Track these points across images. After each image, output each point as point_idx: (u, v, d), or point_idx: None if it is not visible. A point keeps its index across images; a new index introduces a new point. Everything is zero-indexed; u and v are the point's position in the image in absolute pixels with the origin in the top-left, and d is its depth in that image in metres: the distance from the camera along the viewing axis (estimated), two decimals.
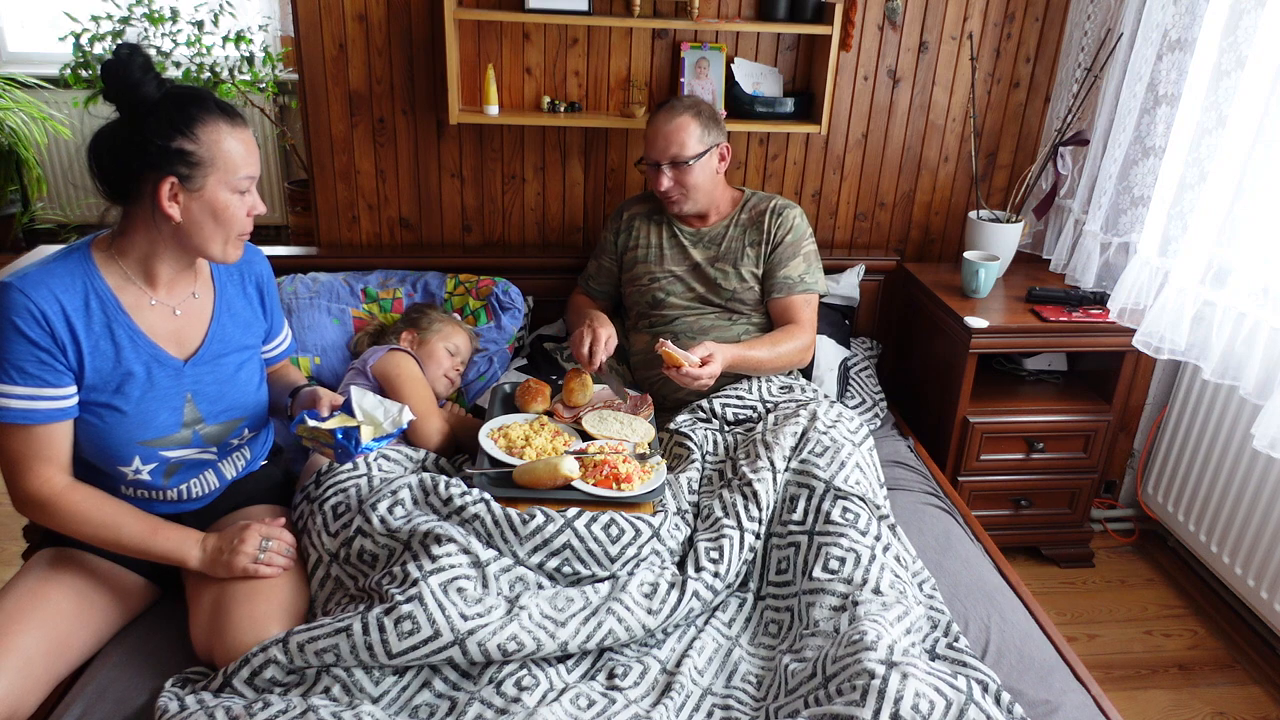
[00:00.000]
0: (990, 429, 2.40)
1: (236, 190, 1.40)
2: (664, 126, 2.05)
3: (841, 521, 1.61)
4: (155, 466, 1.49)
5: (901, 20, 2.48)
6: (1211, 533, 2.38)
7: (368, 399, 1.55)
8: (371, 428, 1.51)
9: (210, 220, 1.39)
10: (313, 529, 1.59)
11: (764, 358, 2.03)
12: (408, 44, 2.35)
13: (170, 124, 1.34)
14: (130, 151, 1.35)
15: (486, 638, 1.35)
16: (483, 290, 2.35)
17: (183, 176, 1.35)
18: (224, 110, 1.39)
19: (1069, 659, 1.56)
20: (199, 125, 1.35)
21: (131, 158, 1.35)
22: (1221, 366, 2.09)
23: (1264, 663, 2.25)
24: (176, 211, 1.37)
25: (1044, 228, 2.73)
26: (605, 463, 1.67)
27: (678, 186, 2.09)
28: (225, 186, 1.38)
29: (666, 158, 2.06)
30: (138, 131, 1.34)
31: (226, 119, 1.38)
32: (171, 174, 1.34)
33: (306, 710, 1.27)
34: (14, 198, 4.37)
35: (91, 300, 1.40)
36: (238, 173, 1.39)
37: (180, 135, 1.34)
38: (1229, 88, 2.03)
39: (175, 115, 1.34)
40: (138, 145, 1.34)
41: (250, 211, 1.44)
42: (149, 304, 1.46)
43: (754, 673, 1.48)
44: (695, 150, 2.05)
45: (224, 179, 1.38)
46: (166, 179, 1.34)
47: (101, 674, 1.42)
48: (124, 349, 1.42)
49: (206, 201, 1.38)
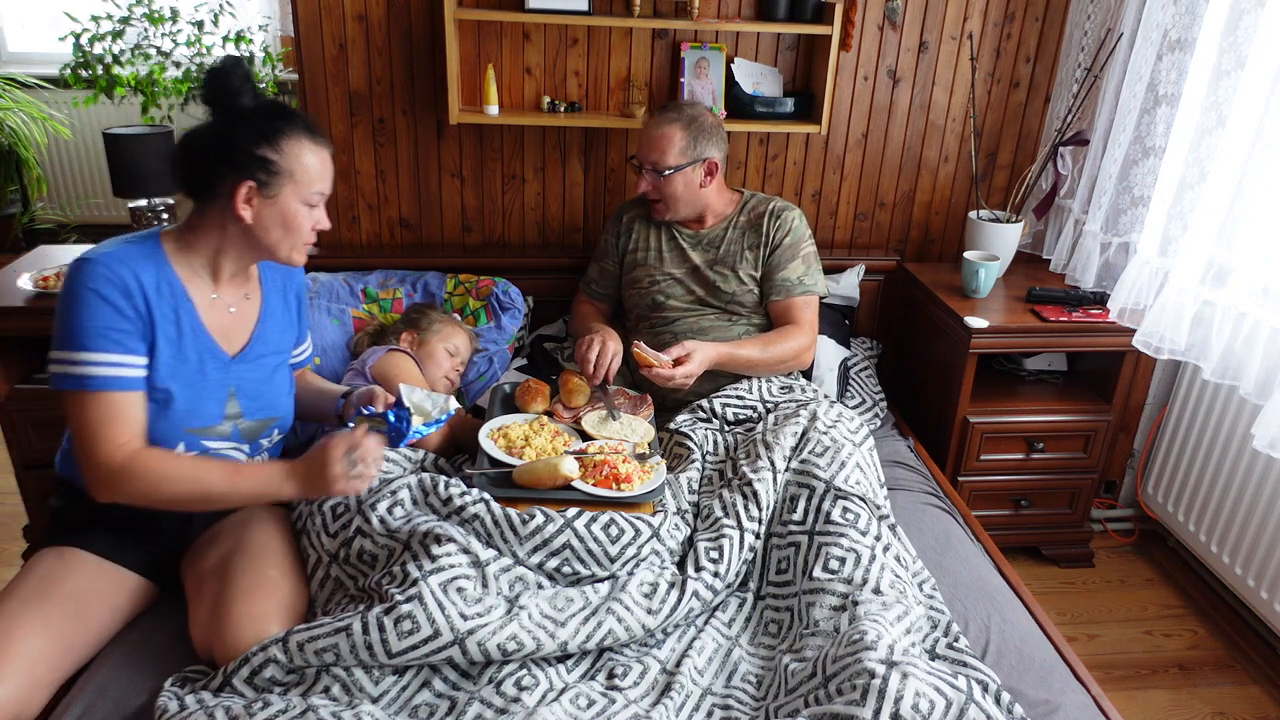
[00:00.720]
0: (990, 429, 2.40)
1: (307, 203, 1.49)
2: (651, 131, 2.06)
3: (842, 521, 1.61)
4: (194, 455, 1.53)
5: (901, 20, 2.49)
6: (1211, 533, 2.38)
7: (416, 393, 1.63)
8: (421, 416, 1.59)
9: (279, 226, 1.48)
10: (312, 530, 1.59)
11: (755, 357, 2.03)
12: (408, 44, 2.35)
13: (259, 133, 1.43)
14: (217, 152, 1.43)
15: (486, 637, 1.35)
16: (483, 290, 2.35)
17: (261, 182, 1.44)
18: (309, 129, 1.49)
19: (1069, 659, 1.56)
20: (284, 138, 1.45)
21: (217, 158, 1.44)
22: (1221, 366, 2.09)
23: (1264, 663, 2.25)
24: (249, 214, 1.45)
25: (1044, 228, 2.73)
26: (605, 463, 1.67)
27: (655, 191, 2.10)
28: (297, 198, 1.48)
29: (647, 162, 2.07)
30: (227, 135, 1.43)
31: (310, 137, 1.48)
32: (251, 179, 1.43)
33: (306, 710, 1.27)
34: (14, 198, 4.37)
35: (162, 284, 1.46)
36: (311, 187, 1.48)
37: (266, 144, 1.43)
38: (1229, 88, 2.03)
39: (264, 125, 1.44)
40: (225, 148, 1.43)
41: (315, 225, 1.53)
42: (210, 298, 1.54)
43: (754, 672, 1.48)
44: (673, 162, 2.05)
45: (297, 191, 1.47)
46: (245, 182, 1.43)
47: (101, 674, 1.42)
48: (185, 336, 1.49)
49: (279, 209, 1.47)
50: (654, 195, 2.12)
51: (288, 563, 1.55)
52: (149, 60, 3.62)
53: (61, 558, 1.50)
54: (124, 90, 3.62)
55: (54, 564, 1.49)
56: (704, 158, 2.08)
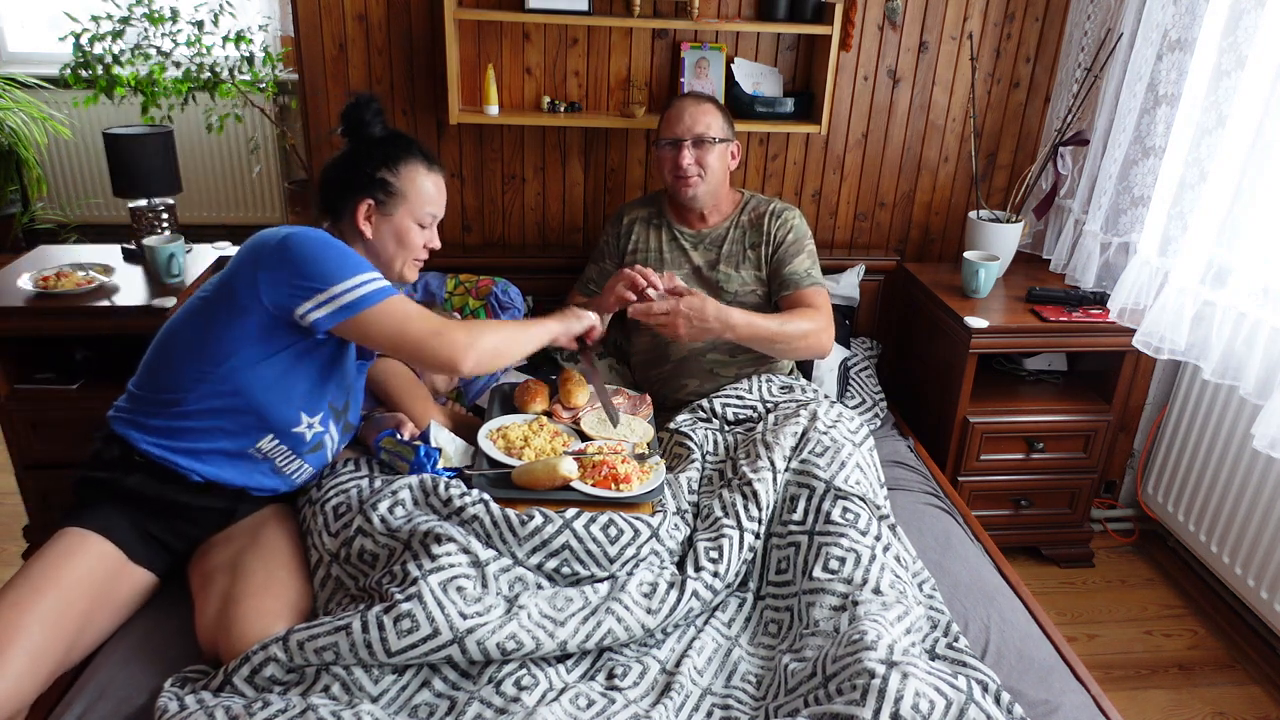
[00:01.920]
0: (990, 429, 2.40)
1: (420, 223, 1.68)
2: (691, 107, 2.08)
3: (841, 521, 1.61)
4: (315, 434, 1.63)
5: (901, 20, 2.49)
6: (1211, 533, 2.38)
7: (443, 434, 1.78)
8: (444, 458, 1.74)
9: (393, 241, 1.66)
10: (314, 529, 1.59)
11: (774, 328, 1.96)
12: (408, 44, 2.35)
13: (381, 158, 1.63)
14: (348, 175, 1.64)
15: (486, 637, 1.35)
16: (482, 290, 2.35)
17: (379, 201, 1.63)
18: (426, 156, 1.68)
19: (1069, 659, 1.56)
20: (402, 163, 1.64)
21: (347, 181, 1.64)
22: (1221, 366, 2.09)
23: (1264, 663, 2.25)
24: (369, 229, 1.64)
25: (1044, 228, 2.73)
26: (604, 463, 1.67)
27: (696, 165, 2.08)
28: (411, 217, 1.66)
29: (692, 135, 2.06)
30: (356, 160, 1.64)
31: (425, 163, 1.67)
32: (371, 197, 1.63)
33: (306, 709, 1.27)
34: (14, 198, 4.37)
35: None
36: (424, 208, 1.67)
37: (385, 168, 1.63)
38: (1229, 88, 2.03)
39: (386, 152, 1.64)
40: (354, 171, 1.64)
41: (427, 244, 1.71)
42: None
43: (754, 672, 1.48)
44: (720, 133, 2.08)
45: (411, 211, 1.66)
46: (366, 200, 1.62)
47: (102, 673, 1.42)
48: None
49: (394, 226, 1.65)
50: (694, 169, 2.08)
51: (296, 562, 1.56)
52: (149, 60, 3.62)
53: (81, 543, 1.48)
54: (124, 90, 3.61)
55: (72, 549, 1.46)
56: (733, 140, 2.13)
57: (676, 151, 2.07)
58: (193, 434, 1.54)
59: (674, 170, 2.09)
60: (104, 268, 2.32)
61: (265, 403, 1.54)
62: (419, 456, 1.68)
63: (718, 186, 2.14)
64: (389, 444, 1.73)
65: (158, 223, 2.44)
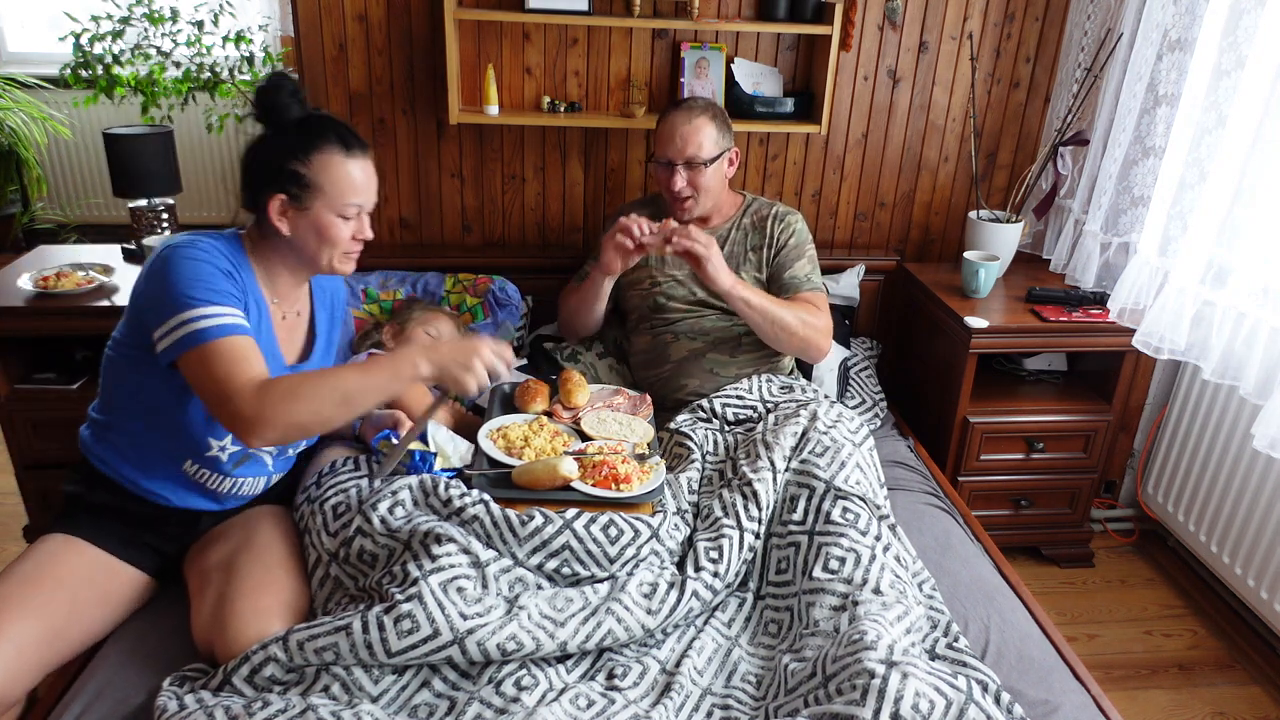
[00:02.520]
0: (990, 429, 2.40)
1: (341, 214, 1.50)
2: (682, 126, 2.02)
3: (841, 521, 1.61)
4: (235, 451, 1.56)
5: (901, 20, 2.48)
6: (1211, 533, 2.38)
7: (441, 433, 1.74)
8: (442, 458, 1.69)
9: (314, 237, 1.51)
10: (313, 529, 1.59)
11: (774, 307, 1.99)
12: (408, 44, 2.35)
13: (290, 148, 1.47)
14: (257, 167, 1.50)
15: (486, 637, 1.35)
16: (480, 288, 2.35)
17: (293, 195, 1.47)
18: (343, 141, 1.49)
19: (1069, 659, 1.56)
20: (314, 152, 1.47)
21: (257, 172, 1.50)
22: (1221, 366, 2.09)
23: (1264, 663, 2.25)
24: (285, 226, 1.49)
25: (1044, 228, 2.73)
26: (604, 463, 1.67)
27: (690, 187, 2.07)
28: (330, 210, 1.49)
29: (682, 158, 2.03)
30: (266, 151, 1.49)
31: (343, 149, 1.49)
32: (282, 192, 1.47)
33: (306, 709, 1.27)
34: (14, 198, 4.37)
35: (246, 278, 1.51)
36: (342, 199, 1.49)
37: (295, 159, 1.46)
38: (1229, 88, 2.03)
39: (296, 140, 1.47)
40: (263, 163, 1.49)
41: (356, 235, 1.54)
42: (273, 302, 1.58)
43: (754, 672, 1.48)
44: (712, 153, 2.04)
45: (329, 203, 1.49)
46: (277, 196, 1.47)
47: (100, 673, 1.42)
48: (262, 336, 1.51)
49: (311, 221, 1.49)
50: (687, 192, 2.07)
51: (292, 562, 1.56)
52: (149, 60, 3.62)
53: (65, 545, 1.49)
54: (124, 90, 3.62)
55: (56, 550, 1.48)
56: (729, 147, 2.10)
57: (670, 173, 2.06)
58: (134, 455, 1.54)
59: (669, 191, 2.09)
60: (104, 268, 2.32)
61: (169, 428, 1.51)
62: (414, 460, 1.66)
63: (716, 197, 2.13)
64: (385, 447, 1.71)
65: (158, 223, 2.44)
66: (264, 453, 1.62)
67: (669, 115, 2.07)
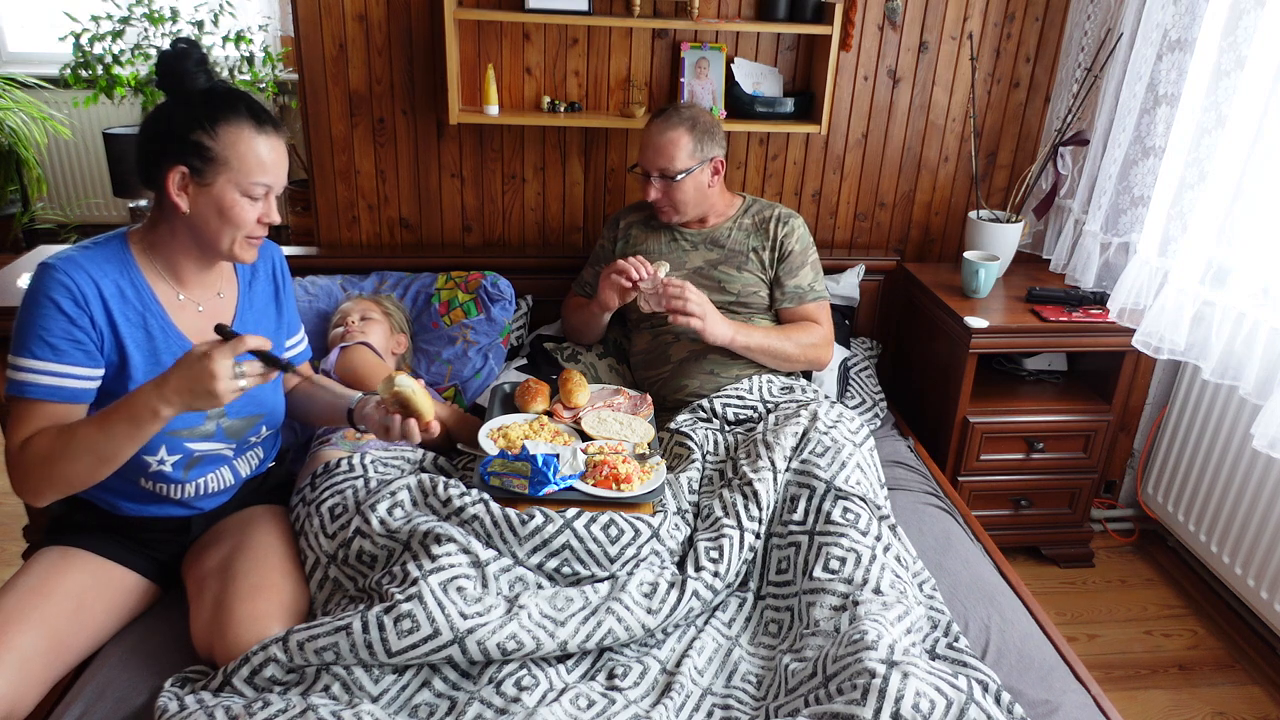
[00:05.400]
0: (990, 429, 2.40)
1: (247, 194, 1.40)
2: (656, 138, 2.04)
3: (842, 521, 1.61)
4: (179, 459, 1.50)
5: (901, 20, 2.49)
6: (1211, 533, 2.38)
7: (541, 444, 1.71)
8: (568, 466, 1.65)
9: (215, 216, 1.40)
10: (309, 531, 1.59)
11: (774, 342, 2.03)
12: (408, 44, 2.35)
13: (194, 117, 1.37)
14: (157, 137, 1.39)
15: (486, 637, 1.35)
16: (471, 284, 2.34)
17: (194, 169, 1.37)
18: (254, 115, 1.40)
19: (1069, 659, 1.56)
20: (222, 123, 1.37)
21: (156, 143, 1.39)
22: (1221, 366, 2.09)
23: (1264, 663, 2.25)
24: (184, 202, 1.39)
25: (1044, 228, 2.73)
26: (605, 463, 1.67)
27: (665, 198, 2.09)
28: (235, 187, 1.39)
29: (655, 169, 2.06)
30: (168, 120, 1.38)
31: (254, 123, 1.40)
32: (184, 164, 1.37)
33: (306, 709, 1.27)
34: (14, 198, 4.37)
35: (127, 289, 1.43)
36: (250, 176, 1.39)
37: (200, 129, 1.36)
38: (1229, 88, 2.03)
39: (202, 110, 1.37)
40: (164, 132, 1.38)
41: (262, 218, 1.44)
42: (178, 299, 1.49)
43: (754, 672, 1.48)
44: (683, 165, 2.04)
45: (234, 180, 1.39)
46: (178, 168, 1.37)
47: (101, 674, 1.42)
48: (157, 339, 1.45)
49: (213, 198, 1.39)
50: (662, 203, 2.10)
51: (289, 564, 1.55)
52: (149, 60, 3.62)
53: (63, 556, 1.49)
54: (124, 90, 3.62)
55: (55, 562, 1.48)
56: (710, 157, 2.08)
57: (646, 183, 2.09)
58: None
59: (647, 198, 2.12)
60: None
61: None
62: (537, 467, 1.59)
63: (698, 205, 2.14)
64: (498, 466, 1.63)
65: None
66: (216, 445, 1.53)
67: (650, 124, 2.09)
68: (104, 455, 1.34)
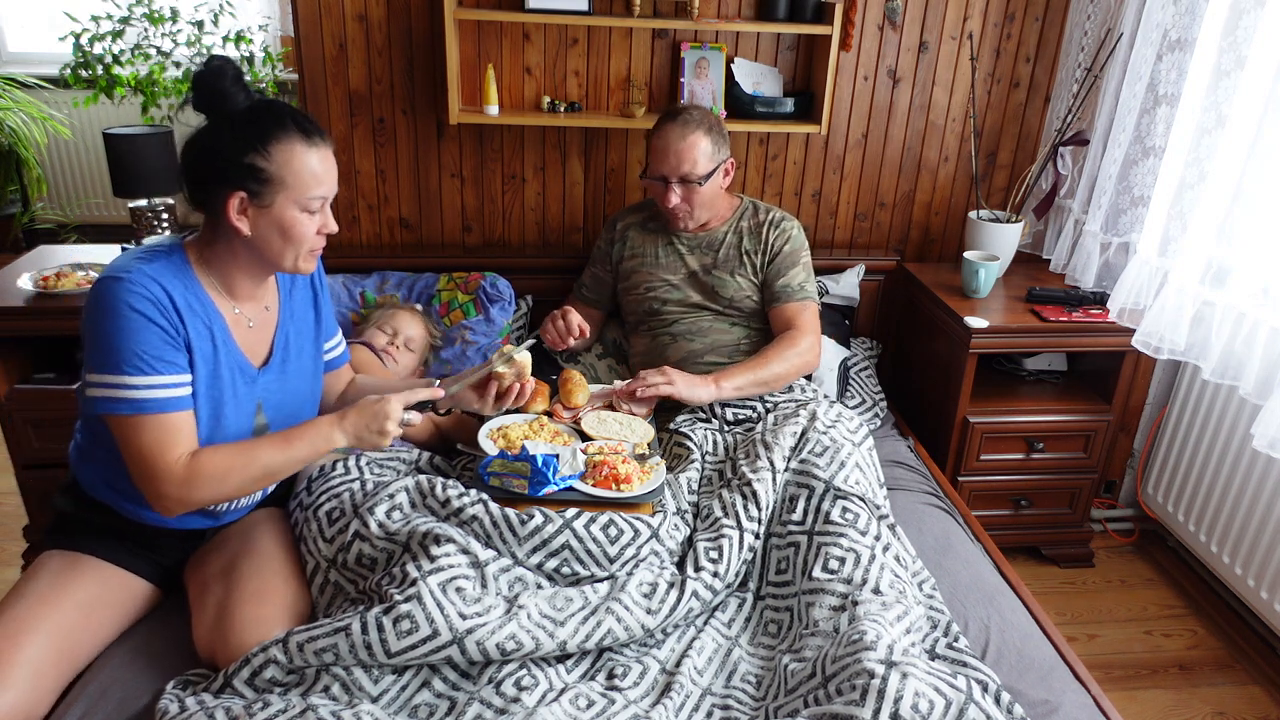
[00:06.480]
0: (990, 429, 2.40)
1: (306, 209, 1.40)
2: (677, 143, 2.01)
3: (841, 521, 1.61)
4: None
5: (901, 20, 2.48)
6: (1211, 533, 2.38)
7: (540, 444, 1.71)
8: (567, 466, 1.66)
9: (278, 236, 1.40)
10: (308, 535, 1.59)
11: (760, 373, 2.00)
12: (408, 44, 2.35)
13: (245, 140, 1.35)
14: (208, 163, 1.37)
15: (485, 637, 1.35)
16: (471, 285, 2.35)
17: (253, 193, 1.36)
18: (302, 128, 1.38)
19: (1069, 659, 1.56)
20: (273, 142, 1.35)
21: (207, 168, 1.37)
22: (1221, 366, 2.09)
23: (1264, 663, 2.25)
24: (245, 226, 1.38)
25: (1044, 228, 2.73)
26: (604, 463, 1.67)
27: (684, 204, 2.07)
28: (295, 205, 1.39)
29: (677, 175, 2.03)
30: (216, 144, 1.36)
31: (303, 137, 1.38)
32: (242, 189, 1.35)
33: (306, 710, 1.27)
34: (14, 198, 4.37)
35: (194, 302, 1.41)
36: (308, 192, 1.39)
37: (253, 151, 1.34)
38: (1229, 88, 2.03)
39: (250, 131, 1.35)
40: (214, 158, 1.36)
41: (321, 230, 1.44)
42: (234, 313, 1.49)
43: (753, 673, 1.48)
44: (706, 169, 2.03)
45: (293, 197, 1.38)
46: (236, 194, 1.35)
47: (103, 675, 1.41)
48: (219, 352, 1.44)
49: (275, 218, 1.39)
50: (681, 210, 2.08)
51: (291, 568, 1.55)
52: (149, 60, 3.63)
53: (71, 564, 1.48)
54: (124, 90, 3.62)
55: (61, 568, 1.47)
56: (725, 159, 2.08)
57: (664, 189, 2.06)
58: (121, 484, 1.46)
59: (663, 206, 2.09)
60: (104, 268, 2.32)
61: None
62: (537, 467, 1.59)
63: (712, 207, 2.14)
64: (497, 466, 1.63)
65: (158, 223, 2.44)
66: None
67: (663, 129, 2.05)
68: (276, 472, 1.45)
